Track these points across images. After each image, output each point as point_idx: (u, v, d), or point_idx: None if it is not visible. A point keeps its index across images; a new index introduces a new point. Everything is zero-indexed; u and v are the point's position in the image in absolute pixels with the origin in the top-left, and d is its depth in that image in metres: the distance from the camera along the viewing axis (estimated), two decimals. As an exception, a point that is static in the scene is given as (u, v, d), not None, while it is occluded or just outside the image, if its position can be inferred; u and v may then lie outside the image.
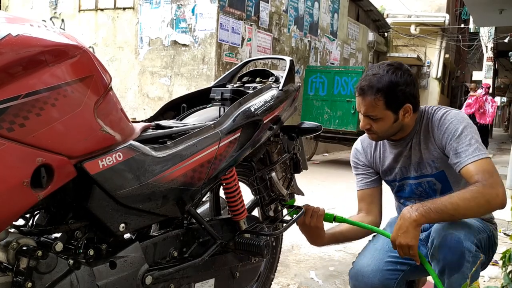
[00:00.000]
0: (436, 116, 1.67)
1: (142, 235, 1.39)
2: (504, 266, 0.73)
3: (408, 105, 1.63)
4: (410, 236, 1.46)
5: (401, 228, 1.48)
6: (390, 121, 1.64)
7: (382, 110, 1.62)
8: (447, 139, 1.61)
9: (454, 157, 1.57)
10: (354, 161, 1.92)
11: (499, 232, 3.64)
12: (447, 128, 1.62)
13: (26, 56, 0.93)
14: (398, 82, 1.60)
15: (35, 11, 8.37)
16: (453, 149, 1.58)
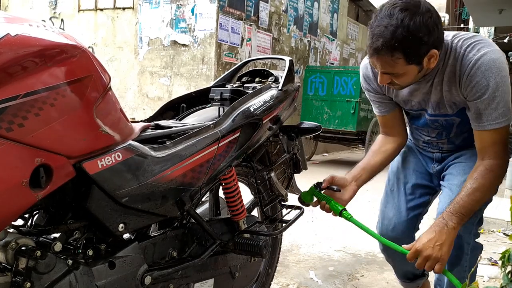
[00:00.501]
0: (466, 60, 1.44)
1: (141, 235, 1.38)
2: (504, 266, 0.73)
3: (433, 51, 1.39)
4: (445, 250, 1.40)
5: (437, 240, 1.40)
6: (414, 73, 1.44)
7: (403, 66, 1.40)
8: (474, 95, 1.44)
9: (474, 116, 1.48)
10: (365, 87, 1.77)
11: (499, 232, 3.65)
12: (477, 83, 1.42)
13: (25, 56, 0.92)
14: (418, 31, 1.34)
15: (35, 11, 8.36)
16: (476, 108, 1.45)
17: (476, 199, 1.46)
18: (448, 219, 1.44)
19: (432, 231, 1.43)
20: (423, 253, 1.40)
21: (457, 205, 1.45)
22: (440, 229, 1.42)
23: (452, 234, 1.42)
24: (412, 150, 1.91)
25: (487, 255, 2.89)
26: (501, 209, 3.84)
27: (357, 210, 3.88)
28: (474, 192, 1.46)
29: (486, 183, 1.47)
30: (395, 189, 1.89)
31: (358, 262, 2.87)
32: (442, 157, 1.78)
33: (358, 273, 2.67)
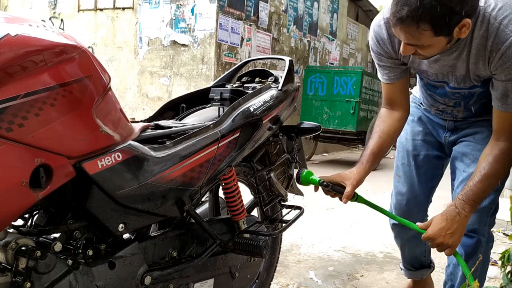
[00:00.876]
0: (501, 37, 1.31)
1: (141, 235, 1.38)
2: (503, 266, 0.73)
3: (466, 21, 1.25)
4: (456, 237, 1.43)
5: (449, 228, 1.42)
6: (442, 44, 1.32)
7: (430, 38, 1.28)
8: (506, 76, 1.35)
9: (500, 95, 1.40)
10: (376, 51, 1.59)
11: (498, 232, 3.65)
12: (511, 65, 1.33)
13: (25, 56, 0.92)
14: (447, 5, 1.19)
15: (34, 11, 8.36)
16: (505, 89, 1.38)
17: (489, 185, 1.44)
18: (461, 207, 1.43)
19: (444, 219, 1.43)
20: (435, 241, 1.43)
21: (470, 193, 1.44)
22: (452, 217, 1.43)
23: (464, 222, 1.43)
24: (420, 119, 1.85)
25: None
26: (501, 209, 3.83)
27: (356, 210, 3.89)
28: (487, 178, 1.43)
29: (499, 168, 1.44)
30: (406, 162, 1.86)
31: (358, 262, 2.87)
32: (455, 126, 1.73)
33: (358, 273, 2.67)
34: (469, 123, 1.69)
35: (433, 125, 1.81)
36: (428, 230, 1.45)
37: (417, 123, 1.85)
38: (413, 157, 1.84)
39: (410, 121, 1.84)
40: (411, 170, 1.84)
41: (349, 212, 3.88)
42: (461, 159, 1.68)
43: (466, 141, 1.68)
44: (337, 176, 1.63)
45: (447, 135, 1.76)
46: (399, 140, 1.90)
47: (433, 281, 2.16)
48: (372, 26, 1.57)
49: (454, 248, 1.44)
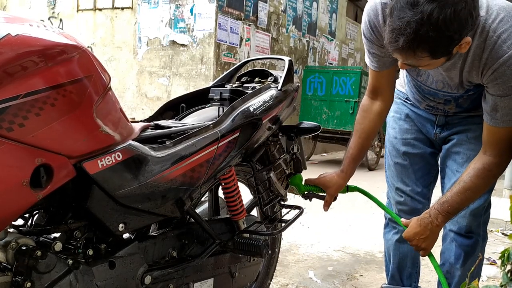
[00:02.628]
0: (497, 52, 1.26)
1: (141, 235, 1.39)
2: (503, 265, 0.74)
3: (466, 39, 1.19)
4: (429, 243, 1.53)
5: (422, 234, 1.52)
6: (442, 61, 1.28)
7: (429, 61, 1.24)
8: (496, 91, 1.32)
9: (489, 109, 1.36)
10: (368, 37, 1.50)
11: (497, 232, 3.66)
12: (503, 82, 1.29)
13: (25, 56, 0.93)
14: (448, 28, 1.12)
15: (33, 11, 8.35)
16: (494, 103, 1.34)
17: (467, 199, 1.46)
18: (434, 217, 1.50)
19: (419, 225, 1.52)
20: (410, 242, 1.56)
21: (446, 204, 1.47)
22: (425, 225, 1.51)
23: (436, 231, 1.51)
24: (408, 116, 1.79)
25: (486, 255, 2.89)
26: (500, 209, 3.85)
27: (356, 210, 3.89)
28: (465, 191, 1.44)
29: (480, 183, 1.44)
30: (400, 161, 1.84)
31: (357, 262, 2.87)
32: (446, 121, 1.69)
33: (357, 272, 2.68)
34: (460, 118, 1.65)
35: (421, 121, 1.76)
36: (405, 231, 1.56)
37: (405, 121, 1.80)
38: (406, 156, 1.82)
39: (397, 119, 1.82)
40: (407, 169, 1.82)
41: (349, 212, 3.88)
42: (454, 159, 1.67)
43: (458, 139, 1.66)
44: (321, 180, 1.73)
45: (438, 131, 1.72)
46: (388, 139, 1.88)
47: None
48: (367, 9, 1.45)
49: (427, 251, 1.55)
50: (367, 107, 1.69)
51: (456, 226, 1.69)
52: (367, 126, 1.69)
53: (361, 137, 1.70)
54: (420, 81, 1.59)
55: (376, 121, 1.69)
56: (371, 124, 1.69)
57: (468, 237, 1.68)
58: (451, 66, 1.40)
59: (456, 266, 1.71)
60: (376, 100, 1.67)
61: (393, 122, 1.85)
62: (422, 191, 1.83)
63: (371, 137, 1.73)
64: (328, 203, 1.75)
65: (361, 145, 1.71)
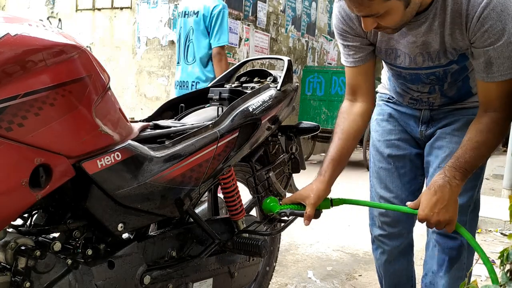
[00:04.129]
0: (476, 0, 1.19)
1: (141, 235, 1.39)
2: (502, 265, 0.74)
3: None
4: (452, 210, 1.27)
5: (441, 201, 1.26)
6: (400, 9, 1.19)
7: (381, 3, 1.16)
8: (485, 41, 1.22)
9: (483, 65, 1.26)
10: (342, 29, 1.44)
11: (496, 232, 3.66)
12: (490, 27, 1.19)
13: (24, 55, 0.93)
14: None
15: (32, 11, 8.34)
16: (488, 57, 1.24)
17: (481, 154, 1.31)
18: (451, 175, 1.28)
19: (433, 193, 1.28)
20: (430, 221, 1.28)
21: (462, 160, 1.29)
22: (443, 188, 1.27)
23: (456, 191, 1.29)
24: (391, 116, 1.66)
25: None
26: (499, 209, 3.85)
27: (355, 210, 3.89)
28: (479, 146, 1.30)
29: (491, 137, 1.30)
30: (384, 165, 1.67)
31: (356, 261, 2.87)
32: (431, 116, 1.56)
33: (356, 272, 2.68)
34: (445, 112, 1.54)
35: (405, 119, 1.62)
36: (419, 212, 1.30)
37: (388, 122, 1.67)
38: (391, 160, 1.65)
39: (380, 121, 1.69)
40: (391, 174, 1.65)
41: (348, 212, 3.89)
42: (436, 154, 1.52)
43: (441, 132, 1.53)
44: (298, 196, 1.51)
45: (423, 129, 1.58)
46: (371, 144, 1.73)
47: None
48: (335, 2, 1.43)
49: (453, 222, 1.29)
50: (346, 109, 1.55)
51: None
52: (347, 127, 1.52)
53: (340, 138, 1.52)
54: (398, 65, 1.45)
55: (358, 122, 1.53)
56: (352, 124, 1.52)
57: (452, 238, 1.50)
58: (427, 30, 1.29)
59: (439, 274, 1.52)
60: (356, 101, 1.54)
61: (376, 125, 1.70)
62: (408, 198, 1.57)
63: (353, 138, 1.53)
64: (308, 216, 1.45)
65: (340, 146, 1.51)
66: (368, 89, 1.53)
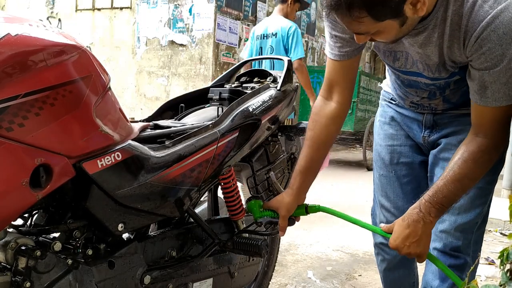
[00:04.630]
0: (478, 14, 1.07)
1: (141, 235, 1.39)
2: (502, 265, 0.74)
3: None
4: (423, 245, 1.23)
5: (413, 236, 1.22)
6: (395, 27, 1.10)
7: (373, 24, 1.07)
8: (481, 64, 1.11)
9: (477, 87, 1.16)
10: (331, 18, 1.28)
11: (496, 232, 3.66)
12: (488, 50, 1.07)
13: (25, 55, 0.93)
14: None
15: (32, 11, 8.35)
16: (482, 80, 1.13)
17: (463, 187, 1.21)
18: (426, 211, 1.22)
19: (406, 226, 1.23)
20: (400, 252, 1.25)
21: (440, 195, 1.21)
22: (416, 223, 1.22)
23: (429, 229, 1.24)
24: (393, 119, 1.55)
25: (484, 255, 2.90)
26: (498, 209, 3.85)
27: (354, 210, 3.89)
28: (462, 178, 1.19)
29: (477, 169, 1.20)
30: (384, 173, 1.58)
31: (356, 261, 2.87)
32: (434, 121, 1.44)
33: (356, 272, 2.68)
34: (450, 117, 1.41)
35: (408, 123, 1.51)
36: (390, 240, 1.26)
37: (390, 125, 1.56)
38: (392, 167, 1.55)
39: (382, 124, 1.58)
40: (392, 182, 1.56)
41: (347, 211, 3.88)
42: (442, 166, 1.40)
43: (447, 143, 1.41)
44: (272, 201, 1.49)
45: (426, 134, 1.46)
46: (374, 147, 1.63)
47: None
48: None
49: (424, 256, 1.26)
50: (319, 109, 1.45)
51: (440, 244, 1.44)
52: (317, 133, 1.43)
53: (310, 147, 1.44)
54: (398, 68, 1.35)
55: (329, 127, 1.43)
56: (323, 130, 1.43)
57: (455, 257, 1.42)
58: (425, 41, 1.19)
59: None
60: (330, 100, 1.43)
61: (378, 128, 1.60)
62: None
63: (323, 146, 1.46)
64: (282, 228, 1.46)
65: (310, 157, 1.44)
66: (346, 88, 1.43)
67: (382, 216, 1.62)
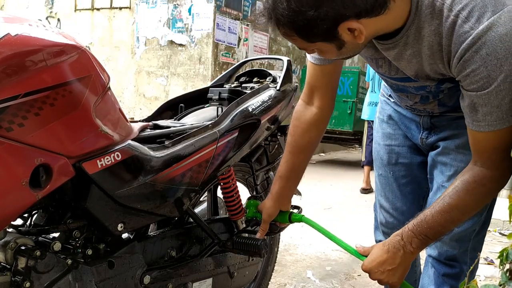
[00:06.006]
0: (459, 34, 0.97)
1: (140, 235, 1.39)
2: (502, 264, 0.74)
3: (346, 24, 0.96)
4: (398, 276, 1.16)
5: (390, 263, 1.15)
6: (332, 49, 1.04)
7: (306, 43, 1.04)
8: (468, 85, 1.01)
9: (468, 109, 1.05)
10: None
11: (495, 231, 3.67)
12: (472, 72, 0.98)
13: (25, 55, 0.93)
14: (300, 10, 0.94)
15: (31, 10, 8.34)
16: (471, 102, 1.03)
17: (452, 220, 1.11)
18: (407, 241, 1.13)
19: (385, 251, 1.16)
20: (372, 276, 1.18)
21: (424, 225, 1.11)
22: (395, 251, 1.14)
23: (408, 259, 1.16)
24: (391, 118, 1.50)
25: (483, 255, 2.90)
26: (497, 209, 3.85)
27: (353, 210, 3.90)
28: (451, 210, 1.09)
29: (470, 201, 1.09)
30: (383, 173, 1.53)
31: (355, 261, 2.87)
32: (432, 123, 1.36)
33: (355, 272, 2.68)
34: (449, 119, 1.33)
35: (406, 123, 1.45)
36: (365, 261, 1.19)
37: (388, 124, 1.50)
38: (390, 168, 1.51)
39: (380, 121, 1.53)
40: (391, 183, 1.51)
41: (346, 211, 3.89)
42: (440, 170, 1.35)
43: (444, 147, 1.34)
44: (261, 205, 1.51)
45: (424, 136, 1.39)
46: (373, 145, 1.60)
47: None
48: None
49: (397, 287, 1.19)
50: (300, 114, 1.41)
51: (435, 251, 1.39)
52: (298, 139, 1.40)
53: (291, 152, 1.41)
54: (383, 74, 1.28)
55: (310, 133, 1.40)
56: (304, 136, 1.40)
57: (449, 266, 1.38)
58: (397, 56, 1.12)
59: None
60: (311, 105, 1.39)
61: (377, 125, 1.56)
62: (410, 210, 1.46)
63: (305, 152, 1.43)
64: (260, 231, 1.50)
65: (291, 162, 1.42)
66: (327, 93, 1.38)
67: (381, 216, 1.59)
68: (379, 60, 1.23)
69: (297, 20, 0.96)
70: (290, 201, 1.52)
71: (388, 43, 1.09)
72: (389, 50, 1.12)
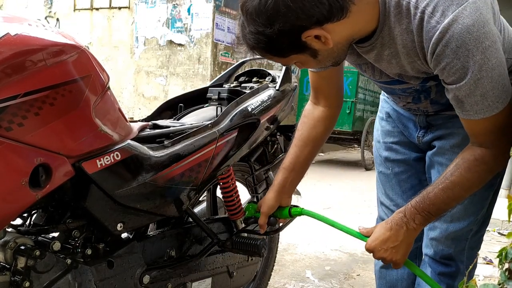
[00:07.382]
0: (427, 31, 0.99)
1: (140, 235, 1.39)
2: (501, 264, 0.74)
3: (308, 33, 0.98)
4: (401, 253, 1.18)
5: (393, 241, 1.16)
6: (308, 59, 1.08)
7: (282, 59, 1.08)
8: (447, 78, 1.03)
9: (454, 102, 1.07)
10: None
11: (493, 231, 3.67)
12: (447, 66, 1.00)
13: (24, 55, 0.93)
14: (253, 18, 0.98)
15: (30, 10, 8.33)
16: (454, 95, 1.05)
17: (454, 196, 1.12)
18: (410, 217, 1.15)
19: (388, 229, 1.17)
20: (375, 254, 1.20)
21: (427, 201, 1.13)
22: (398, 228, 1.16)
23: (412, 236, 1.17)
24: (389, 116, 1.52)
25: (482, 254, 2.90)
26: (496, 208, 3.86)
27: (353, 210, 3.90)
28: (454, 187, 1.11)
29: (472, 178, 1.11)
30: (383, 169, 1.55)
31: (354, 261, 2.88)
32: (427, 122, 1.38)
33: (355, 272, 2.68)
34: (444, 118, 1.34)
35: (403, 121, 1.47)
36: (368, 240, 1.21)
37: (387, 121, 1.53)
38: (389, 164, 1.52)
39: (380, 119, 1.56)
40: (390, 180, 1.53)
41: (346, 211, 3.89)
42: (438, 170, 1.36)
43: (440, 147, 1.35)
44: (260, 201, 1.51)
45: (420, 135, 1.41)
46: (373, 143, 1.62)
47: None
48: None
49: (400, 264, 1.20)
50: (308, 112, 1.45)
51: (431, 250, 1.40)
52: (305, 133, 1.43)
53: (296, 145, 1.43)
54: (368, 78, 1.32)
55: (318, 128, 1.42)
56: (311, 131, 1.42)
57: (445, 264, 1.38)
58: (377, 57, 1.15)
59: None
60: (319, 105, 1.43)
61: (377, 123, 1.58)
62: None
63: (311, 145, 1.44)
64: (260, 225, 1.48)
65: (295, 155, 1.43)
66: (331, 94, 1.41)
67: (382, 213, 1.59)
68: (362, 65, 1.26)
69: (260, 40, 1.00)
70: (291, 197, 1.52)
71: (366, 45, 1.12)
72: (368, 53, 1.14)
